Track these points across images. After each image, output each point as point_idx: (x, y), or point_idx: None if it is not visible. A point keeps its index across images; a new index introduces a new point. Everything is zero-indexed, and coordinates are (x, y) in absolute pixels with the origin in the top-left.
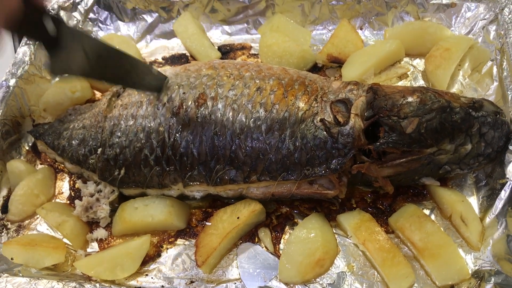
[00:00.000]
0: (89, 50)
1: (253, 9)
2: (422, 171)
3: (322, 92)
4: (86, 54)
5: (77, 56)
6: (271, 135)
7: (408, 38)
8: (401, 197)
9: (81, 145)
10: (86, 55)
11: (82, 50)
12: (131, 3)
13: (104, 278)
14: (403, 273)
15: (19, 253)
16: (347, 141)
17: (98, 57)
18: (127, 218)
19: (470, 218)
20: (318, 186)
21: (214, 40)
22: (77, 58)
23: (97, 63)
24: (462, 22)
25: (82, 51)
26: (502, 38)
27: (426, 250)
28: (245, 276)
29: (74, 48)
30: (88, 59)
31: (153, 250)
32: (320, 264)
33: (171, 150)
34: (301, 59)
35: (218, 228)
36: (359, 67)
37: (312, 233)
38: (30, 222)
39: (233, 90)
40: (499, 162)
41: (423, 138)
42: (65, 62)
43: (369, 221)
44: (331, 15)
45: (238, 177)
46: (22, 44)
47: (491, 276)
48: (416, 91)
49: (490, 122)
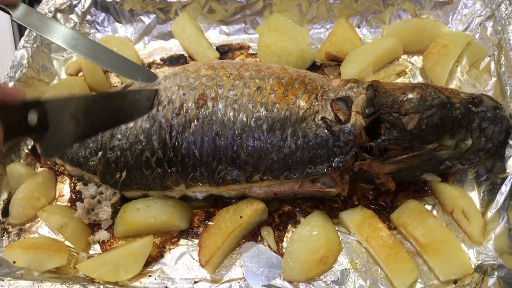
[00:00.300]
0: (76, 112)
1: (251, 9)
2: (423, 167)
3: (322, 91)
4: (75, 118)
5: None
6: (272, 134)
7: (406, 36)
8: (402, 194)
9: (82, 147)
10: (76, 119)
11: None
12: (129, 4)
13: (107, 280)
14: (407, 268)
15: (21, 257)
16: (348, 138)
17: (86, 113)
18: (129, 220)
19: (471, 213)
20: (320, 184)
21: (212, 41)
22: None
23: (86, 119)
24: (459, 18)
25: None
26: (499, 34)
27: (428, 245)
28: (248, 275)
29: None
30: (78, 122)
31: (156, 251)
32: (323, 262)
33: (173, 152)
34: (299, 58)
35: (221, 227)
36: (357, 65)
37: (315, 231)
38: (31, 225)
39: (233, 90)
40: (499, 156)
41: (424, 134)
42: (54, 140)
43: (372, 218)
44: (329, 13)
45: (240, 177)
46: (20, 47)
47: (494, 270)
48: (416, 88)
49: (490, 117)
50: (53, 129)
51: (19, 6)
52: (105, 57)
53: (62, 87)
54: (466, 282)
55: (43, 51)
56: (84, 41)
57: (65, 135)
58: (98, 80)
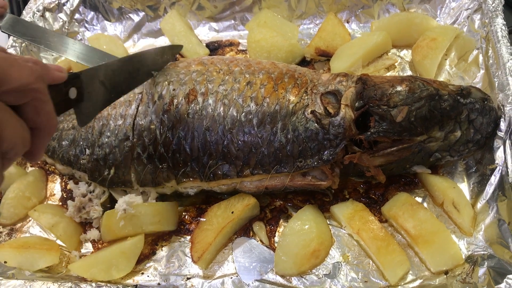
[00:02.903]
0: (104, 79)
1: (240, 5)
2: (413, 159)
3: (312, 85)
4: (104, 84)
5: (97, 94)
6: (262, 128)
7: (395, 30)
8: (393, 186)
9: (72, 145)
10: (104, 85)
11: (99, 84)
12: (117, 2)
13: (100, 279)
14: (398, 260)
15: (12, 256)
16: (338, 131)
17: (113, 79)
18: (116, 232)
19: (461, 204)
20: (311, 177)
21: (201, 37)
22: (98, 96)
23: (113, 84)
24: (447, 12)
25: (99, 84)
26: (486, 26)
27: (419, 237)
28: (241, 270)
29: (93, 90)
30: (106, 87)
31: (148, 249)
32: (315, 255)
33: (163, 147)
34: (289, 54)
35: (213, 223)
36: (347, 60)
37: (307, 225)
38: (22, 225)
39: (223, 85)
40: (488, 148)
41: (413, 126)
42: (89, 108)
43: (363, 211)
44: (318, 9)
45: (231, 171)
46: (8, 46)
47: (484, 260)
48: (404, 80)
49: (478, 109)
50: (87, 98)
51: (6, 17)
52: (96, 57)
53: None
54: (457, 273)
55: (32, 50)
56: (74, 45)
57: (97, 101)
58: None
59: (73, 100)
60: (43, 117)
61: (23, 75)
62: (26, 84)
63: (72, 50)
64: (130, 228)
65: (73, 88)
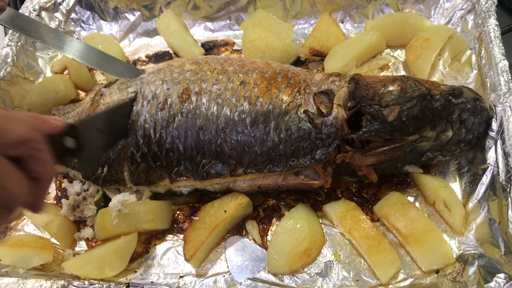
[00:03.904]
0: (101, 126)
1: (235, 5)
2: (405, 158)
3: (305, 84)
4: (101, 131)
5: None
6: (255, 128)
7: (389, 30)
8: (385, 186)
9: None
10: (101, 132)
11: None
12: (113, 2)
13: (93, 277)
14: (389, 259)
15: (6, 254)
16: (330, 131)
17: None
18: (110, 230)
19: (453, 204)
20: (304, 177)
21: (197, 37)
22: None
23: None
24: (441, 12)
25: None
26: (479, 27)
27: (411, 236)
28: (233, 269)
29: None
30: (103, 133)
31: (142, 247)
32: (307, 254)
33: (157, 146)
34: (283, 54)
35: (206, 222)
36: (341, 60)
37: (299, 224)
38: (17, 223)
39: (217, 85)
40: (480, 148)
41: (405, 125)
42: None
43: (354, 210)
44: (312, 9)
45: (224, 170)
46: (4, 46)
47: (474, 260)
48: (396, 80)
49: (470, 109)
50: (86, 146)
51: (6, 10)
52: (92, 56)
53: (47, 85)
54: (448, 272)
55: (27, 49)
56: (70, 41)
57: (97, 149)
58: (83, 78)
59: (72, 150)
60: (42, 167)
61: (21, 127)
62: (24, 136)
63: (69, 47)
64: (124, 226)
65: (71, 138)
